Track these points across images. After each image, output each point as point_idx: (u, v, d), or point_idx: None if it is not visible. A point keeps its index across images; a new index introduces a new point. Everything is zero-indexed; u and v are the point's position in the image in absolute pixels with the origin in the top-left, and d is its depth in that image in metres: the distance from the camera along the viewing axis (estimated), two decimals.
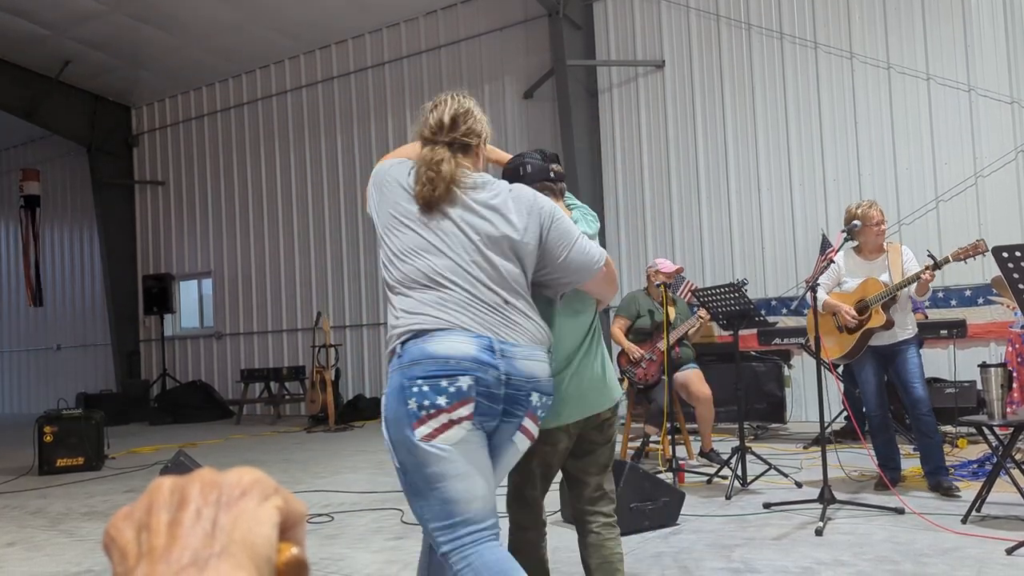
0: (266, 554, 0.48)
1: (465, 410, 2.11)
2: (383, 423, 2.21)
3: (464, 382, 2.11)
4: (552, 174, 2.70)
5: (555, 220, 2.34)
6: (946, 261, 4.75)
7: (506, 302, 2.24)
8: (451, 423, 2.10)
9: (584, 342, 2.58)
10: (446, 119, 2.36)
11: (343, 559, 4.07)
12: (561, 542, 3.91)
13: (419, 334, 2.17)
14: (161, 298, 13.39)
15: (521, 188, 2.38)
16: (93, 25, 12.10)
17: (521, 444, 2.28)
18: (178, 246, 14.59)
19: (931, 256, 4.79)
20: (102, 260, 14.73)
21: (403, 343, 2.19)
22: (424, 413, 2.10)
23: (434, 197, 2.25)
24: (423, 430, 2.10)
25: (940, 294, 7.85)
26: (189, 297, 14.78)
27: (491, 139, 2.49)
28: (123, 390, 13.73)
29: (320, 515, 5.05)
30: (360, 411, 11.08)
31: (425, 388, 2.10)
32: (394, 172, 2.34)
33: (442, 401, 2.10)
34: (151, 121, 14.98)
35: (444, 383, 2.10)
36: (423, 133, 2.39)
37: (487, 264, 2.24)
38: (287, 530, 0.51)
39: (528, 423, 2.26)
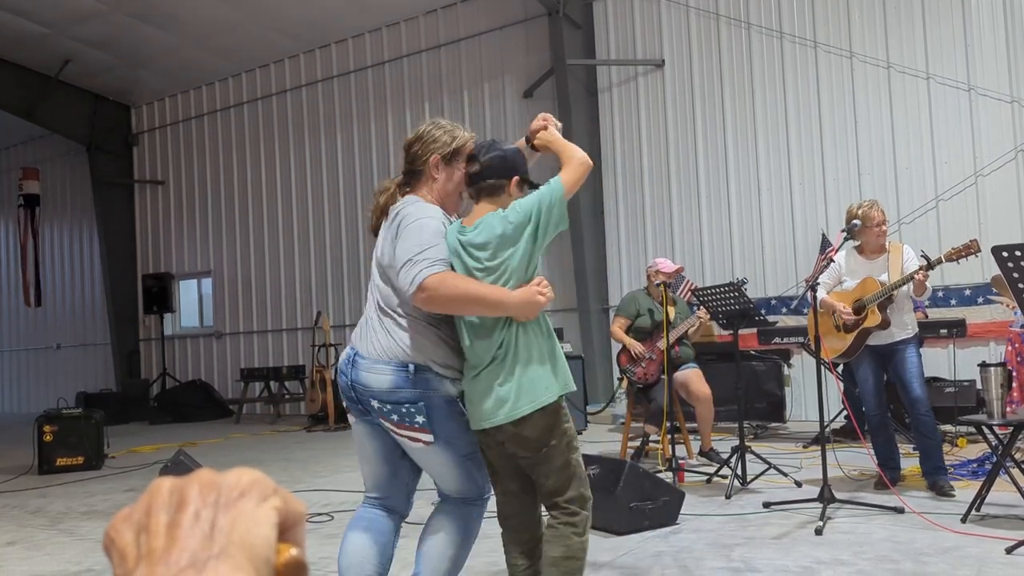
0: (265, 555, 0.48)
1: (346, 405, 2.68)
2: None
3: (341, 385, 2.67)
4: (469, 177, 2.62)
5: (397, 241, 2.49)
6: (939, 261, 4.75)
7: (380, 319, 2.60)
8: (346, 412, 2.70)
9: (492, 355, 2.53)
10: (404, 151, 2.67)
11: None
12: None
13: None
14: (161, 297, 13.38)
15: (408, 210, 2.52)
16: (93, 24, 12.09)
17: (402, 441, 2.59)
18: (178, 246, 14.59)
19: (925, 256, 4.79)
20: (102, 259, 14.71)
21: None
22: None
23: (372, 226, 2.69)
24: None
25: (940, 293, 7.84)
26: (189, 296, 14.77)
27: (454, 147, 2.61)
28: (123, 389, 13.72)
29: (320, 514, 5.05)
30: None
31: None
32: None
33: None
34: (151, 120, 14.97)
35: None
36: None
37: (373, 286, 2.67)
38: (286, 531, 0.51)
39: (384, 424, 2.59)
